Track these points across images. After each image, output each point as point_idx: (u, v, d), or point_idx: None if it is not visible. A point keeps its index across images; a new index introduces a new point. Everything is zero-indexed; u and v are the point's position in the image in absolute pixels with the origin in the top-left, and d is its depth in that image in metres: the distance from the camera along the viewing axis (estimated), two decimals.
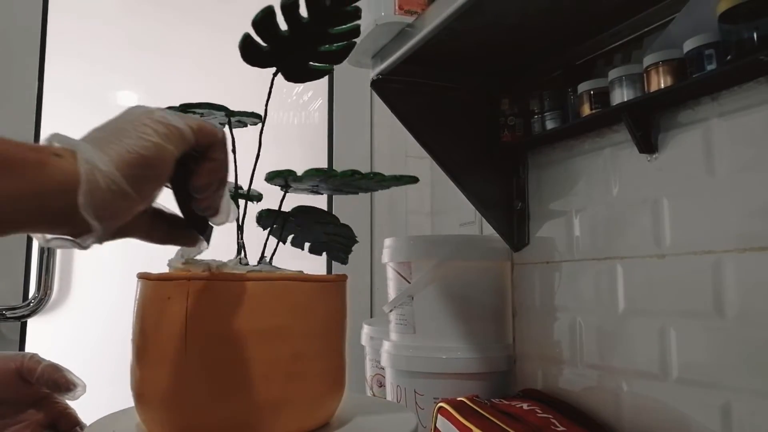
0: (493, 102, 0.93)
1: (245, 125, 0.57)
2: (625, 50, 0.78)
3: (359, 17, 0.50)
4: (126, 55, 1.19)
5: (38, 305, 1.06)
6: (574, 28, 0.78)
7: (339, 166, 1.40)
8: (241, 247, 0.53)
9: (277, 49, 0.50)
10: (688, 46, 0.63)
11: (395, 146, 1.40)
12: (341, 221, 0.57)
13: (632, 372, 0.73)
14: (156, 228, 0.42)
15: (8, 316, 1.05)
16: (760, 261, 0.60)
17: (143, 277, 0.49)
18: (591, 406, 0.79)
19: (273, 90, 0.53)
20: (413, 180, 0.54)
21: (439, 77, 0.91)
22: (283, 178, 0.51)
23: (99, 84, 1.18)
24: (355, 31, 0.51)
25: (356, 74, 0.99)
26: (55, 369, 0.57)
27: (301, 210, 0.56)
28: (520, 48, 0.84)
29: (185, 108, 0.52)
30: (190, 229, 0.43)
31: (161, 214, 0.43)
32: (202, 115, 0.54)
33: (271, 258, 0.54)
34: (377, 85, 0.88)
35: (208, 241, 0.45)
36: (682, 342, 0.67)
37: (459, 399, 0.79)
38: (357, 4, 0.49)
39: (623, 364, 0.75)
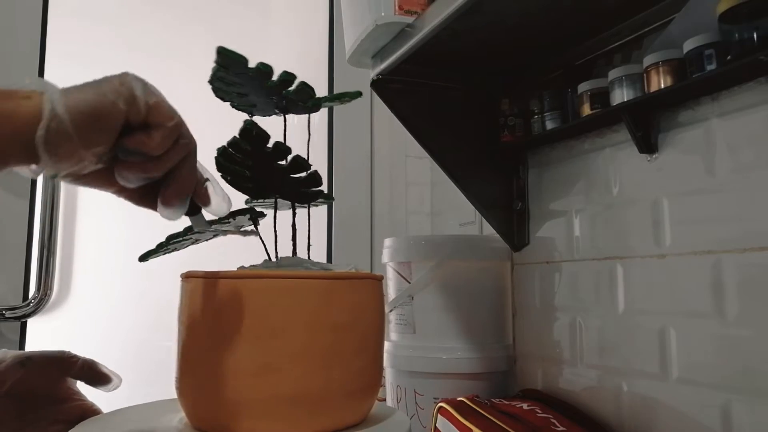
0: (493, 102, 0.93)
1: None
2: (625, 50, 0.78)
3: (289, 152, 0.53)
4: (126, 56, 1.19)
5: (38, 305, 1.06)
6: (574, 28, 0.78)
7: (339, 166, 1.41)
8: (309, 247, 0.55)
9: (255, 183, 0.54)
10: (688, 46, 0.63)
11: (395, 146, 1.40)
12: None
13: (632, 372, 0.73)
14: (126, 189, 0.44)
15: (8, 316, 1.04)
16: (760, 261, 0.60)
17: (189, 276, 0.50)
18: (591, 406, 0.79)
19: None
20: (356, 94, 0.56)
21: (439, 77, 0.91)
22: None
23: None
24: (299, 164, 0.54)
25: (356, 74, 0.99)
26: (93, 363, 0.61)
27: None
28: (520, 48, 0.84)
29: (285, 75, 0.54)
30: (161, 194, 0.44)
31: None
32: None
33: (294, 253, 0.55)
34: (377, 85, 0.88)
35: (198, 223, 0.47)
36: (682, 342, 0.67)
37: (459, 399, 0.79)
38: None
39: (623, 364, 0.75)
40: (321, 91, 1.42)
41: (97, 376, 0.60)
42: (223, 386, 0.46)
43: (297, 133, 0.55)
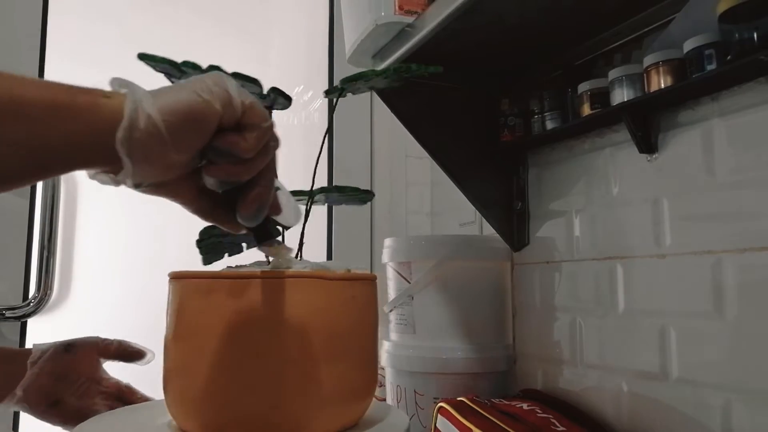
0: (493, 102, 0.93)
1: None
2: (625, 50, 0.78)
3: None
4: (126, 56, 1.19)
5: (38, 305, 1.06)
6: (574, 28, 0.78)
7: (339, 166, 1.41)
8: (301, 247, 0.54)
9: None
10: (688, 46, 0.63)
11: (395, 146, 1.40)
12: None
13: (632, 372, 0.73)
14: (201, 201, 0.42)
15: (8, 316, 1.04)
16: (760, 261, 0.60)
17: (179, 276, 0.49)
18: (591, 406, 0.79)
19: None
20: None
21: (439, 77, 0.91)
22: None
23: (99, 84, 1.17)
24: None
25: None
26: (126, 343, 0.70)
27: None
28: (520, 48, 0.84)
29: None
30: (232, 213, 0.42)
31: (210, 191, 0.42)
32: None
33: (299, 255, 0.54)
34: None
35: (260, 240, 0.45)
36: (682, 342, 0.67)
37: (459, 399, 0.79)
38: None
39: (623, 364, 0.75)
40: (320, 90, 1.42)
41: (132, 354, 0.69)
42: (210, 389, 0.45)
43: (298, 133, 0.55)
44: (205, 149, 0.38)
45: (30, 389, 0.65)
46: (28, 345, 1.08)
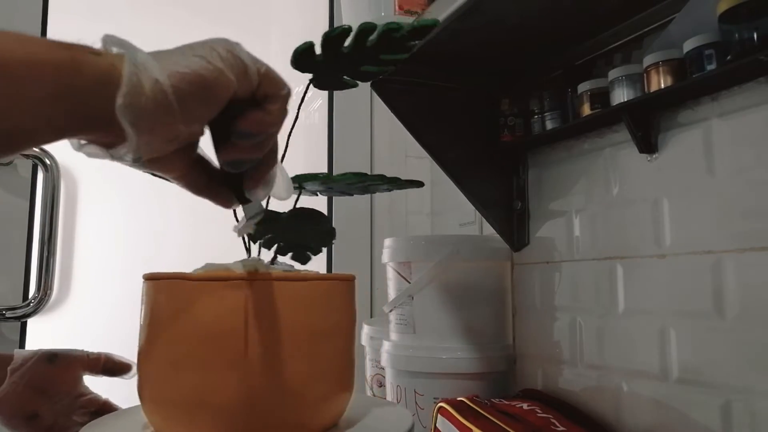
0: (493, 102, 0.93)
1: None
2: (625, 50, 0.78)
3: (412, 50, 0.49)
4: None
5: (38, 305, 1.06)
6: (574, 28, 0.78)
7: (339, 166, 1.41)
8: (249, 249, 0.53)
9: (331, 63, 0.49)
10: (688, 46, 0.63)
11: (395, 146, 1.40)
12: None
13: (632, 372, 0.73)
14: (194, 175, 0.39)
15: (8, 316, 1.05)
16: (760, 261, 0.60)
17: (151, 278, 0.49)
18: (591, 406, 0.79)
19: None
20: (419, 184, 0.54)
21: (439, 77, 0.91)
22: (319, 182, 0.52)
23: None
24: (403, 58, 0.50)
25: None
26: (112, 356, 0.67)
27: (296, 213, 0.56)
28: (520, 48, 0.84)
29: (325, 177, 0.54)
30: (225, 187, 0.40)
31: (204, 164, 0.40)
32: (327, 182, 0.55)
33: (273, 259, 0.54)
34: (377, 85, 0.88)
35: (248, 212, 0.43)
36: (682, 342, 0.67)
37: (459, 399, 0.79)
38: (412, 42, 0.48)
39: (623, 364, 0.75)
40: (321, 91, 1.42)
41: (119, 368, 0.67)
42: (185, 391, 0.45)
43: (297, 132, 0.55)
44: (224, 130, 0.35)
45: (7, 398, 0.61)
46: (28, 345, 1.09)
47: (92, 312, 1.13)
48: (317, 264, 0.63)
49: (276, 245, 0.52)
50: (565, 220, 0.86)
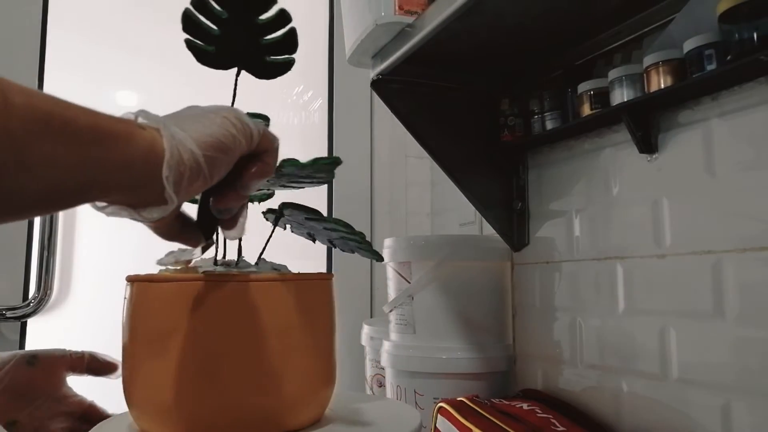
0: (493, 102, 0.93)
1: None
2: (625, 50, 0.78)
3: (274, 1, 0.49)
4: (125, 58, 1.19)
5: (38, 305, 1.06)
6: (574, 28, 0.78)
7: (339, 167, 1.41)
8: (240, 248, 0.53)
9: (220, 48, 0.50)
10: (688, 46, 0.63)
11: (395, 146, 1.40)
12: (341, 221, 0.56)
13: (632, 372, 0.73)
14: (174, 221, 0.43)
15: (8, 316, 1.04)
16: (760, 261, 0.60)
17: (134, 279, 0.49)
18: (591, 406, 0.79)
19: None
20: (336, 161, 0.54)
21: (439, 77, 0.91)
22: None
23: (98, 86, 1.17)
24: (283, 17, 0.50)
25: (356, 74, 0.99)
26: (96, 355, 0.64)
27: (288, 206, 0.56)
28: (520, 48, 0.84)
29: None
30: (196, 229, 0.44)
31: (179, 213, 0.43)
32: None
33: (260, 258, 0.54)
34: (377, 85, 0.88)
35: (206, 247, 0.46)
36: (682, 342, 0.67)
37: (459, 399, 0.79)
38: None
39: (623, 364, 0.75)
40: (320, 90, 1.42)
41: (104, 367, 0.64)
42: (168, 392, 0.45)
43: (298, 132, 0.55)
44: (222, 182, 0.39)
45: None
46: (28, 345, 1.09)
47: (92, 312, 1.13)
48: (317, 264, 0.63)
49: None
50: (565, 220, 0.86)
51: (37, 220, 1.09)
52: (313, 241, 0.59)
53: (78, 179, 0.32)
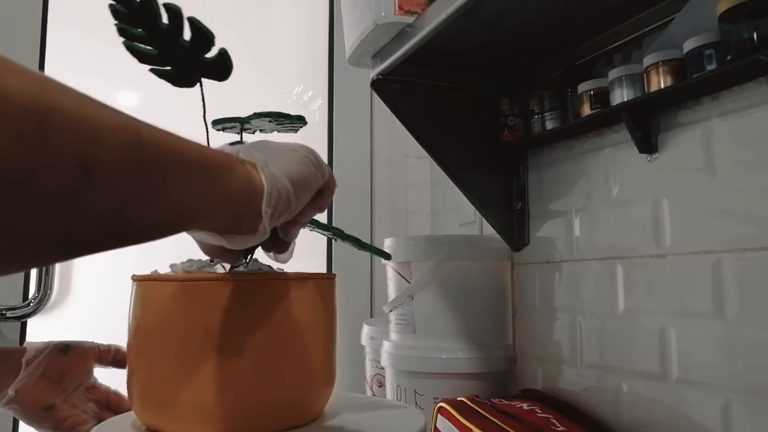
0: (493, 102, 0.93)
1: (295, 130, 0.59)
2: (625, 50, 0.78)
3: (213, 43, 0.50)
4: (126, 56, 1.19)
5: (38, 305, 1.06)
6: (574, 28, 0.78)
7: (339, 167, 1.41)
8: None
9: (162, 57, 0.51)
10: (688, 46, 0.63)
11: (395, 146, 1.40)
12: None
13: (632, 372, 0.73)
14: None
15: (8, 315, 1.04)
16: (760, 261, 0.60)
17: (140, 279, 0.50)
18: (591, 406, 0.79)
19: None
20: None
21: (439, 77, 0.91)
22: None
23: (99, 85, 1.18)
24: (177, 26, 0.50)
25: (356, 74, 0.99)
26: (121, 348, 0.68)
27: None
28: (520, 48, 0.84)
29: (249, 118, 0.55)
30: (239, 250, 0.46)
31: None
32: (243, 124, 0.55)
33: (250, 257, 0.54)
34: (377, 85, 0.88)
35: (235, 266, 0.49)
36: (682, 342, 0.67)
37: (459, 399, 0.79)
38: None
39: (623, 364, 0.75)
40: (320, 90, 1.42)
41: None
42: (171, 389, 0.46)
43: (297, 132, 0.55)
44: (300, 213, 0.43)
45: (24, 390, 0.62)
46: None
47: (92, 312, 1.13)
48: (317, 263, 0.63)
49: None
50: (565, 220, 0.86)
51: None
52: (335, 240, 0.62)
53: (190, 208, 0.34)
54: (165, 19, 0.48)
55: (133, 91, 1.21)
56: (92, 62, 1.17)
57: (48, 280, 1.07)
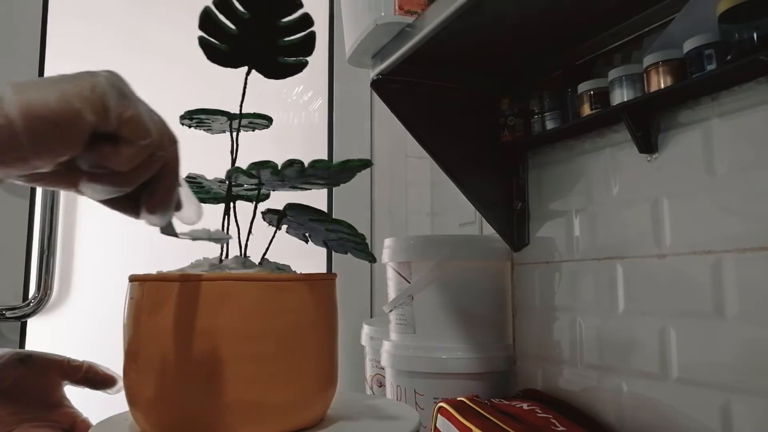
0: (493, 102, 0.93)
1: (253, 129, 0.57)
2: (625, 50, 0.78)
3: (300, 5, 0.50)
4: (125, 57, 1.19)
5: (38, 305, 1.06)
6: (574, 28, 0.78)
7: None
8: (245, 248, 0.53)
9: (235, 47, 0.50)
10: (688, 46, 0.63)
11: (395, 146, 1.40)
12: (344, 222, 0.56)
13: (632, 372, 0.73)
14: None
15: (8, 316, 1.04)
16: (760, 261, 0.60)
17: (136, 279, 0.49)
18: (591, 406, 0.79)
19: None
20: (365, 163, 0.51)
21: (439, 77, 0.91)
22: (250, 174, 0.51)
23: None
24: (306, 21, 0.50)
25: (356, 74, 0.99)
26: (95, 366, 0.58)
27: (293, 207, 0.55)
28: (520, 48, 0.84)
29: (191, 114, 0.53)
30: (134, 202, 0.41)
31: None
32: (201, 120, 0.54)
33: (264, 257, 0.54)
34: (377, 85, 0.88)
35: (168, 231, 0.44)
36: (682, 342, 0.67)
37: (459, 399, 0.79)
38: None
39: (623, 364, 0.75)
40: (320, 90, 1.42)
41: (102, 380, 0.59)
42: (165, 392, 0.45)
43: (297, 132, 0.55)
44: (79, 158, 0.35)
45: None
46: (28, 345, 1.09)
47: (92, 312, 1.13)
48: (317, 263, 0.63)
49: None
50: (565, 220, 0.86)
51: (37, 220, 1.09)
52: (306, 241, 0.59)
53: None
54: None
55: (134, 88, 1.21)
56: (93, 56, 1.17)
57: (48, 280, 1.07)
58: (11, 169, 0.33)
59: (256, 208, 0.56)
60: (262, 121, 0.55)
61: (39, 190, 1.09)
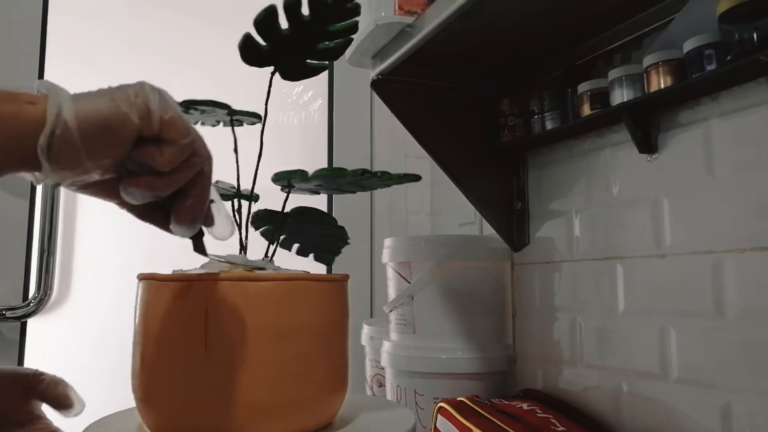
0: (493, 102, 0.93)
1: (242, 124, 0.58)
2: (625, 50, 0.78)
3: (358, 13, 0.50)
4: (126, 56, 1.19)
5: (38, 305, 1.06)
6: (574, 28, 0.78)
7: (339, 166, 1.41)
8: (244, 247, 0.53)
9: (277, 48, 0.50)
10: (688, 46, 0.63)
11: (395, 146, 1.40)
12: (341, 222, 0.57)
13: (632, 372, 0.73)
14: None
15: (8, 316, 1.05)
16: (760, 261, 0.60)
17: (147, 278, 0.49)
18: (591, 406, 0.79)
19: (273, 89, 0.53)
20: (416, 178, 0.54)
21: (439, 77, 0.91)
22: (286, 180, 0.51)
23: (99, 85, 1.18)
24: (353, 28, 0.51)
25: (356, 74, 0.99)
26: (58, 384, 0.56)
27: (300, 211, 0.56)
28: (520, 48, 0.84)
29: (188, 104, 0.53)
30: (167, 216, 0.43)
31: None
32: (203, 111, 0.54)
33: (272, 257, 0.54)
34: (377, 85, 0.88)
35: (198, 248, 0.45)
36: (682, 342, 0.67)
37: (459, 399, 0.79)
38: (356, 1, 0.50)
39: (623, 364, 0.75)
40: (320, 90, 1.42)
41: (59, 399, 0.56)
42: (175, 390, 0.45)
43: (298, 132, 0.55)
44: (124, 159, 0.38)
45: None
46: (28, 345, 1.09)
47: (92, 312, 1.13)
48: (316, 263, 0.63)
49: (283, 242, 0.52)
50: (565, 220, 0.86)
51: (37, 221, 1.09)
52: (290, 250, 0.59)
53: None
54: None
55: None
56: (92, 55, 1.17)
57: (48, 280, 1.07)
58: (66, 172, 0.36)
59: (250, 207, 0.56)
60: (251, 117, 0.56)
61: (39, 190, 1.09)
